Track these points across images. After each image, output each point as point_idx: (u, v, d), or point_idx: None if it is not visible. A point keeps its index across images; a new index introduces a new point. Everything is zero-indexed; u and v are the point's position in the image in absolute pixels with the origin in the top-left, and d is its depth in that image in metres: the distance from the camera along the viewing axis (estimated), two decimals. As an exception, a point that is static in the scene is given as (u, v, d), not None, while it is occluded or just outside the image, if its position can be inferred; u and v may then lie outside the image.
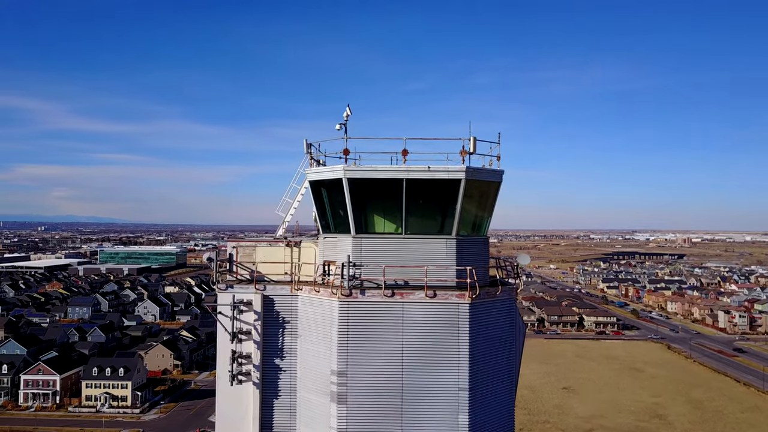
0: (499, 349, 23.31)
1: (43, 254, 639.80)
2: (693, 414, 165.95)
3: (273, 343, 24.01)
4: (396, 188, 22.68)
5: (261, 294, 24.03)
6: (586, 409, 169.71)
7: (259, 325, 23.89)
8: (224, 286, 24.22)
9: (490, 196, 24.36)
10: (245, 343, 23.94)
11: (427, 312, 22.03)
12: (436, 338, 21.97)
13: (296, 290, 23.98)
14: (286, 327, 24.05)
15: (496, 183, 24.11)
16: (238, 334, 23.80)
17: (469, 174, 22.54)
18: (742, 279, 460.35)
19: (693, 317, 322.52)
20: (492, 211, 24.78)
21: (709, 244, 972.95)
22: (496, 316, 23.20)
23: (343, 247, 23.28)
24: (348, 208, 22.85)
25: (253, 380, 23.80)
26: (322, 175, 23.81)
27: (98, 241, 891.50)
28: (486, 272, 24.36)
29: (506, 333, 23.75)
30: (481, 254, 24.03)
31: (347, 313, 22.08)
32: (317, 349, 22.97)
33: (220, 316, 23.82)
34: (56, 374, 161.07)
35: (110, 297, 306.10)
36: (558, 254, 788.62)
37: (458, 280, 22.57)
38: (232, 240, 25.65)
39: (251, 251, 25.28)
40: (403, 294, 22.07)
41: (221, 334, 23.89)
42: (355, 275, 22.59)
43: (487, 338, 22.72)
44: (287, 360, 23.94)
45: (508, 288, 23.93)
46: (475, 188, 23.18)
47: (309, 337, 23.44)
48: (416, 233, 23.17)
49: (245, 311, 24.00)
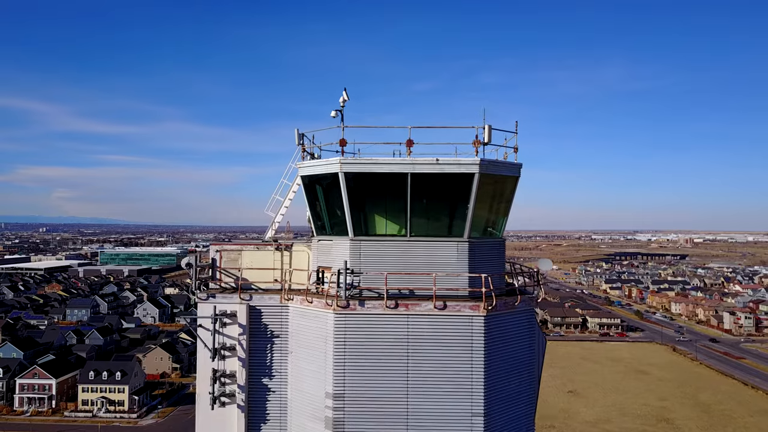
0: (517, 368, 20.44)
1: (44, 255, 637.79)
2: (701, 418, 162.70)
3: (260, 360, 21.17)
4: (400, 184, 19.83)
5: (246, 304, 21.19)
6: (592, 413, 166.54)
7: (245, 339, 21.04)
8: (205, 296, 21.38)
9: (506, 193, 21.50)
10: (229, 361, 21.09)
11: (436, 326, 19.18)
12: (446, 356, 19.12)
13: (287, 300, 21.13)
14: (275, 342, 21.21)
15: (514, 178, 21.24)
16: (221, 350, 20.95)
17: (483, 167, 19.68)
18: (746, 279, 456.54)
19: (697, 318, 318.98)
20: (509, 209, 21.91)
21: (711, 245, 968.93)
22: (514, 330, 20.32)
23: (340, 251, 20.45)
24: (345, 207, 20.02)
25: (237, 403, 20.95)
26: (316, 170, 20.94)
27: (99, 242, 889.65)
28: (502, 279, 21.50)
29: (526, 349, 20.88)
30: (496, 259, 21.16)
31: (344, 327, 19.24)
32: (310, 368, 20.13)
33: (200, 329, 20.97)
34: (52, 378, 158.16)
35: (109, 299, 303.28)
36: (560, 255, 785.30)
37: (471, 289, 19.73)
38: (215, 243, 22.79)
39: (236, 256, 22.45)
40: (408, 305, 19.22)
41: (201, 351, 21.04)
42: (354, 283, 19.78)
43: (504, 356, 19.85)
44: (277, 380, 21.10)
45: (527, 297, 21.04)
46: (490, 184, 20.33)
47: (301, 354, 20.59)
48: (423, 235, 20.34)
49: (229, 324, 21.17)
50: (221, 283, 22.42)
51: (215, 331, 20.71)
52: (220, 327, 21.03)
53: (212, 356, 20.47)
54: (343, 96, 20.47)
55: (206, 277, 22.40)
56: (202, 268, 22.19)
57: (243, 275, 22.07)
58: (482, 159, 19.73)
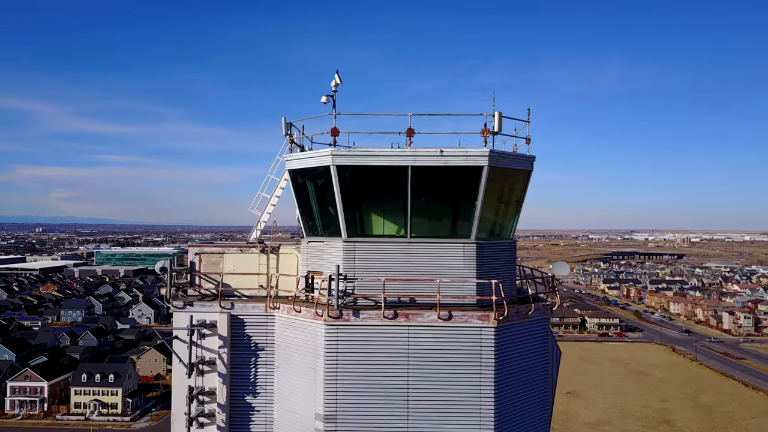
0: (531, 385, 18.25)
1: (39, 256, 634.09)
2: (702, 420, 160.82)
3: (243, 376, 18.94)
4: (399, 178, 17.65)
5: (228, 313, 18.96)
6: (592, 414, 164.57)
7: (226, 353, 18.81)
8: (181, 304, 19.13)
9: (518, 189, 19.30)
10: (208, 377, 18.85)
11: (440, 339, 17.01)
12: (452, 373, 16.95)
13: (272, 309, 18.91)
14: (259, 356, 18.98)
15: (526, 172, 19.06)
16: (199, 365, 18.72)
17: (493, 159, 17.49)
18: (744, 279, 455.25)
19: (696, 318, 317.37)
20: (520, 207, 19.72)
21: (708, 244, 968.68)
22: (527, 343, 18.13)
23: (332, 253, 18.26)
24: (338, 205, 17.83)
25: (217, 424, 18.74)
26: (305, 163, 18.72)
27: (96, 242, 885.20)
28: (513, 285, 19.32)
29: (539, 363, 18.69)
30: (506, 263, 18.98)
31: (336, 340, 17.04)
32: (299, 385, 17.93)
33: (175, 342, 18.73)
34: (44, 381, 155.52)
35: (104, 299, 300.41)
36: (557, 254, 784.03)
37: (479, 297, 17.55)
38: (194, 245, 20.54)
39: (218, 259, 20.21)
40: (408, 315, 17.02)
41: (176, 366, 18.79)
42: (347, 290, 17.60)
43: (516, 372, 17.67)
44: (261, 398, 18.88)
45: (541, 306, 18.84)
46: (500, 178, 18.14)
47: (289, 370, 18.38)
48: (425, 236, 18.17)
49: (208, 335, 18.94)
50: (201, 290, 20.19)
51: (192, 343, 18.47)
52: (198, 339, 18.80)
53: (188, 372, 18.23)
54: (335, 79, 18.19)
55: (184, 283, 20.16)
56: (179, 273, 19.94)
57: (224, 281, 19.85)
58: (492, 150, 17.55)
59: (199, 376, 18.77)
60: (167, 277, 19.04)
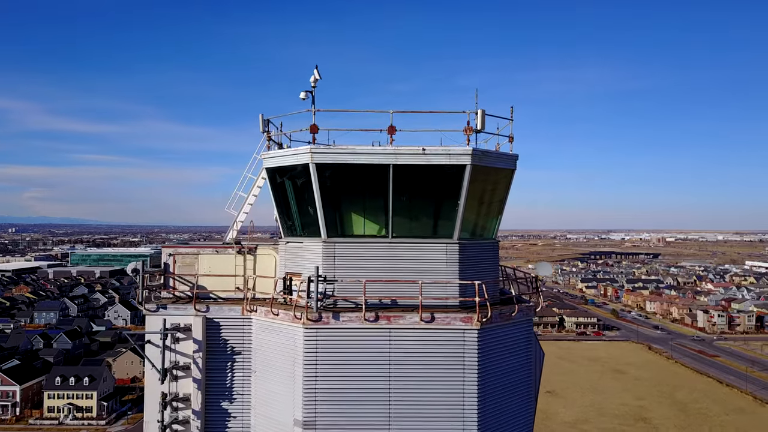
0: (514, 387, 17.94)
1: (12, 257, 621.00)
2: (678, 417, 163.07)
3: (219, 381, 18.34)
4: (380, 177, 17.20)
5: (203, 316, 18.33)
6: (570, 413, 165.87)
7: (201, 357, 18.18)
8: (154, 307, 18.45)
9: (501, 188, 18.98)
10: (182, 382, 18.22)
11: (423, 341, 16.60)
12: (435, 376, 16.55)
13: (249, 311, 18.33)
14: (236, 360, 18.39)
15: (509, 171, 18.75)
16: (173, 370, 18.06)
17: (476, 158, 17.13)
18: (718, 278, 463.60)
19: (672, 317, 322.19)
20: (503, 207, 19.40)
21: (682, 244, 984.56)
22: (511, 345, 17.82)
23: (312, 254, 17.74)
24: (317, 204, 17.33)
25: (192, 431, 18.08)
26: (284, 161, 18.17)
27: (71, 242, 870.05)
28: (496, 286, 18.98)
29: (523, 365, 18.40)
30: (489, 263, 18.64)
31: (315, 344, 16.53)
32: (277, 391, 17.38)
33: (147, 346, 18.05)
34: (16, 384, 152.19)
35: (79, 301, 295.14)
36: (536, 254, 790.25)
37: (462, 298, 17.18)
38: (168, 246, 19.86)
39: (192, 260, 19.56)
40: (390, 318, 16.58)
41: (149, 371, 18.11)
42: (327, 292, 17.09)
43: (500, 374, 17.34)
44: (238, 404, 18.30)
45: (525, 307, 18.54)
46: (483, 177, 17.79)
47: (266, 375, 17.82)
48: (407, 236, 17.75)
49: (182, 339, 18.30)
50: (175, 292, 19.52)
51: (166, 347, 17.81)
52: (172, 343, 18.15)
53: (161, 377, 17.57)
54: (314, 75, 17.68)
55: (157, 285, 19.48)
56: (153, 274, 19.25)
57: (200, 283, 19.21)
58: (475, 149, 17.19)
59: (173, 381, 18.12)
60: (139, 279, 18.34)
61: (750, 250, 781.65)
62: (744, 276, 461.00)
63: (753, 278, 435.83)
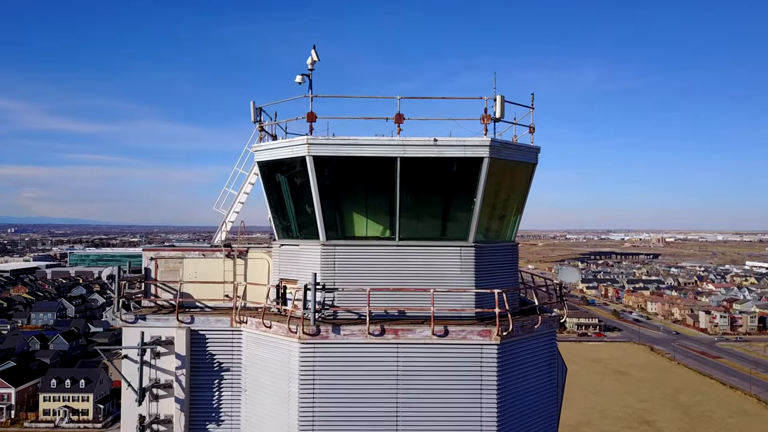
0: (536, 407, 15.95)
1: (10, 257, 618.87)
2: (682, 420, 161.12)
3: (205, 401, 16.35)
4: (386, 171, 15.23)
5: (187, 328, 16.34)
6: (572, 415, 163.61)
7: (184, 374, 16.19)
8: (132, 318, 16.45)
9: (521, 184, 17.00)
10: (163, 402, 16.22)
11: (435, 358, 14.62)
12: (448, 397, 14.57)
13: (239, 323, 16.33)
14: (224, 378, 16.40)
15: (531, 165, 16.79)
16: (153, 389, 16.05)
17: (494, 150, 15.15)
18: (718, 278, 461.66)
19: (673, 318, 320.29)
20: (523, 206, 17.42)
21: (682, 244, 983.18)
22: (534, 361, 15.83)
23: (309, 259, 15.76)
24: (315, 202, 15.35)
25: (174, 457, 16.09)
26: (277, 153, 16.18)
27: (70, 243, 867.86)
28: (516, 295, 17.02)
29: (546, 383, 16.40)
30: (509, 269, 16.67)
31: (313, 361, 14.55)
32: (269, 413, 15.39)
33: (125, 362, 16.05)
34: (11, 387, 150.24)
35: (77, 302, 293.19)
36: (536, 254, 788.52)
37: (479, 309, 15.19)
38: (149, 248, 17.87)
39: (177, 264, 17.57)
40: (397, 331, 14.59)
41: (125, 390, 16.11)
42: (326, 302, 15.09)
43: (521, 395, 15.35)
44: (226, 426, 16.33)
45: (548, 318, 16.55)
46: (502, 171, 15.81)
47: (257, 394, 15.82)
48: (415, 238, 15.77)
49: (164, 354, 16.30)
50: (157, 301, 17.54)
51: (144, 363, 15.81)
52: (152, 358, 16.17)
53: (139, 398, 15.55)
54: (311, 56, 15.66)
55: (137, 293, 17.49)
56: (131, 281, 17.25)
57: (184, 290, 17.23)
58: (493, 139, 15.20)
59: (152, 401, 16.14)
60: (115, 286, 16.36)
61: (750, 251, 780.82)
62: (745, 276, 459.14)
63: (754, 279, 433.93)
